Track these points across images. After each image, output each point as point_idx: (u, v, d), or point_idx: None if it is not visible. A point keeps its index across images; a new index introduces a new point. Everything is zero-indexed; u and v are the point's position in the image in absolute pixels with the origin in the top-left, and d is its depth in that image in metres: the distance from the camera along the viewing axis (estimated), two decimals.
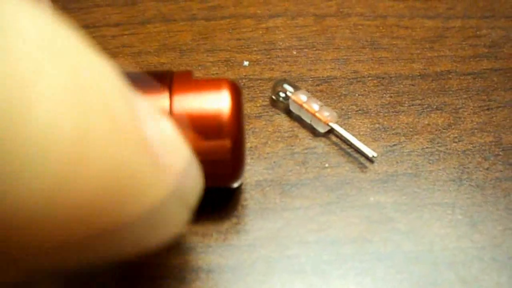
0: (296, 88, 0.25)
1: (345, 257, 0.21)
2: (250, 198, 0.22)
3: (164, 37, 0.28)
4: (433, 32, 0.28)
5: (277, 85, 0.25)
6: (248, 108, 0.25)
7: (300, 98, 0.24)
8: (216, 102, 0.19)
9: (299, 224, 0.22)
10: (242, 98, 0.20)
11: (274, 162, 0.23)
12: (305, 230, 0.22)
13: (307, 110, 0.24)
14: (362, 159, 0.24)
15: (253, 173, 0.23)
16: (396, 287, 0.20)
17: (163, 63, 0.27)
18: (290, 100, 0.24)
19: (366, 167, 0.23)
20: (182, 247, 0.21)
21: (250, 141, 0.24)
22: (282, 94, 0.24)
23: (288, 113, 0.25)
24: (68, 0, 0.30)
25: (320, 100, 0.25)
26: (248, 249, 0.21)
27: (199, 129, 0.19)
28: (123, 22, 0.29)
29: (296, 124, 0.25)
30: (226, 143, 0.19)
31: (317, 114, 0.24)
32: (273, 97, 0.25)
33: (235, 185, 0.21)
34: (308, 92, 0.25)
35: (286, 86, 0.24)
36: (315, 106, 0.24)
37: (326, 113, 0.24)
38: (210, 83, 0.20)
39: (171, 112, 0.19)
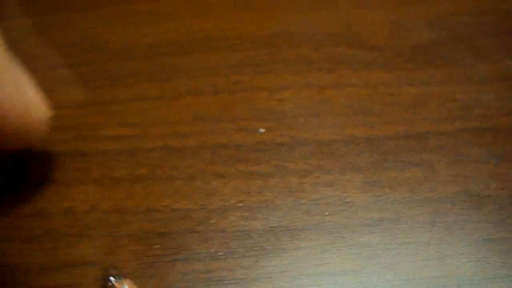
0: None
1: (341, 285, 0.27)
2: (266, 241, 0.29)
3: (194, 108, 0.35)
4: (416, 98, 0.35)
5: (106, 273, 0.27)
6: (264, 168, 0.32)
7: None
8: None
9: (305, 260, 0.28)
10: None
11: None
12: (309, 265, 0.28)
13: None
14: (354, 208, 0.30)
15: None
16: None
17: (194, 130, 0.34)
18: None
19: (357, 214, 0.30)
20: None
21: None
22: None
23: None
24: (114, 78, 0.36)
25: (321, 160, 0.32)
26: (265, 280, 0.27)
27: None
28: (160, 96, 0.36)
29: None
30: None
31: None
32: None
33: None
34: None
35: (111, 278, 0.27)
36: None
37: None
38: None
39: None
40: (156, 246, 0.29)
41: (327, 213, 0.30)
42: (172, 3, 0.41)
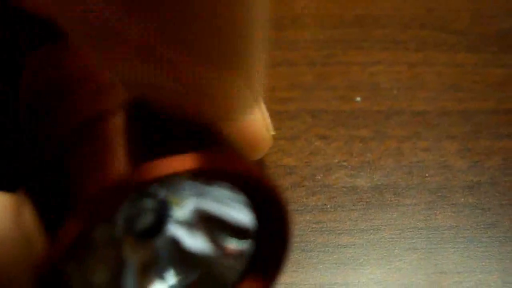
0: None
1: (446, 239, 0.29)
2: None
3: (290, 77, 0.37)
4: (502, 78, 0.36)
5: None
6: (364, 132, 0.33)
7: None
8: None
9: (411, 215, 0.30)
10: None
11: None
12: (414, 220, 0.29)
13: None
14: (453, 171, 0.31)
15: None
16: (485, 258, 0.28)
17: (292, 97, 0.35)
18: None
19: (456, 177, 0.31)
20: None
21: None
22: None
23: None
24: None
25: (417, 128, 0.33)
26: (374, 232, 0.29)
27: None
28: None
29: None
30: None
31: None
32: None
33: None
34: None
35: None
36: None
37: None
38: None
39: None
40: None
41: (427, 175, 0.31)
42: None
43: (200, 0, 0.15)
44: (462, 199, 0.30)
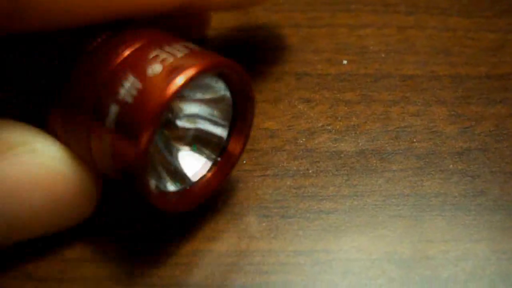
0: None
1: (434, 207, 0.27)
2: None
3: (275, 39, 0.35)
4: (495, 43, 0.35)
5: None
6: (350, 96, 0.32)
7: None
8: None
9: (396, 182, 0.28)
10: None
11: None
12: (401, 186, 0.28)
13: None
14: (442, 137, 0.30)
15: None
16: (473, 227, 0.27)
17: (276, 58, 0.34)
18: None
19: (445, 142, 0.30)
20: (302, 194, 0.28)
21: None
22: None
23: None
24: None
25: (405, 92, 0.32)
26: (357, 198, 0.28)
27: None
28: (238, 27, 0.36)
29: None
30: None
31: None
32: None
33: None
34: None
35: None
36: None
37: None
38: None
39: None
40: (244, 162, 0.29)
41: (415, 140, 0.30)
42: None
43: None
44: (451, 166, 0.29)
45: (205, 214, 0.27)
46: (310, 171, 0.29)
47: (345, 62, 0.33)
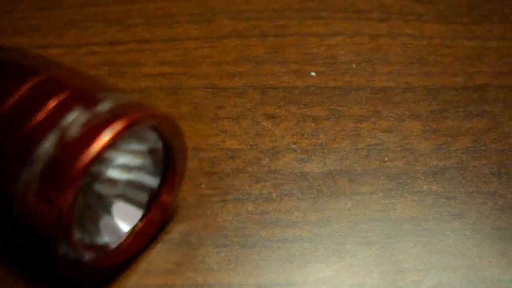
0: None
1: (407, 232, 0.25)
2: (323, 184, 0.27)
3: (239, 50, 0.33)
4: (473, 51, 0.33)
5: None
6: (318, 111, 0.30)
7: None
8: None
9: (367, 205, 0.26)
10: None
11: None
12: (371, 210, 0.26)
13: None
14: (415, 155, 0.28)
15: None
16: (448, 254, 0.25)
17: (241, 71, 0.32)
18: None
19: (418, 161, 0.28)
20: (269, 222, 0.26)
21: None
22: None
23: None
24: (153, 16, 0.34)
25: (377, 106, 0.30)
26: (324, 224, 0.26)
27: None
28: (202, 36, 0.34)
29: None
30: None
31: None
32: None
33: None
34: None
35: None
36: None
37: None
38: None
39: None
40: (202, 185, 0.27)
41: (387, 159, 0.28)
42: None
43: None
44: (425, 187, 0.27)
45: (158, 245, 0.25)
46: (274, 195, 0.26)
47: (313, 74, 0.31)
